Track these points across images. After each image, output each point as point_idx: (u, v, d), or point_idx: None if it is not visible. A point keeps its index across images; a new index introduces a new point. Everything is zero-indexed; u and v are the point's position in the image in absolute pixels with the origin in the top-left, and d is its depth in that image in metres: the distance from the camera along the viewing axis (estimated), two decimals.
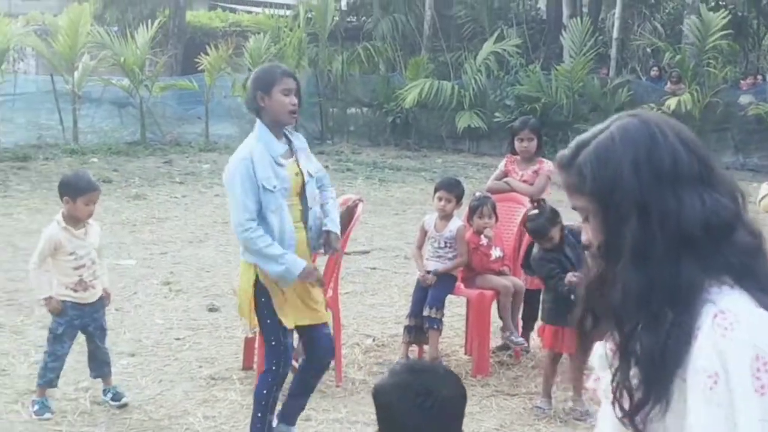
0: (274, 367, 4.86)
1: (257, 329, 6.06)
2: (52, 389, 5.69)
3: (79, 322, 5.64)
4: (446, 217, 6.59)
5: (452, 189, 6.58)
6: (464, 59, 22.64)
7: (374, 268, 9.88)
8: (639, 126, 1.90)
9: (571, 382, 5.95)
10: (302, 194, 4.87)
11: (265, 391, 4.88)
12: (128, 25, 24.24)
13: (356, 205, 6.50)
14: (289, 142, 4.91)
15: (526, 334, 6.95)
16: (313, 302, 4.97)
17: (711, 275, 1.79)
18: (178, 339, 7.21)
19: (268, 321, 4.84)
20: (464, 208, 6.99)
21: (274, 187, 4.67)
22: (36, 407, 5.53)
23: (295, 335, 5.32)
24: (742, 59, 22.06)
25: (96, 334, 5.73)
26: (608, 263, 1.88)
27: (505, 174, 7.27)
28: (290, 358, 5.01)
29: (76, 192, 5.49)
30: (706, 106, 19.60)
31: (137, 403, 5.78)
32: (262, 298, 4.81)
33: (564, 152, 1.97)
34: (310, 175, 4.92)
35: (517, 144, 7.17)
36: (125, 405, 5.70)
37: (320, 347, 5.07)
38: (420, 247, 6.79)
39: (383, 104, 23.04)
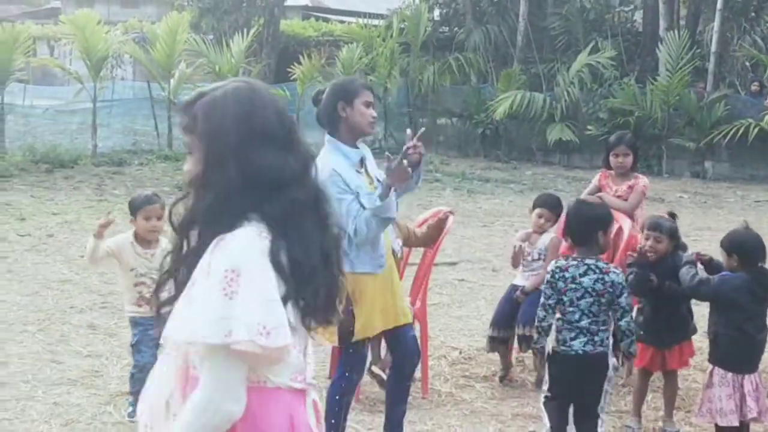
0: (347, 373, 4.89)
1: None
2: None
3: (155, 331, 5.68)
4: (540, 235, 6.53)
5: (555, 208, 6.52)
6: (557, 71, 22.41)
7: (462, 280, 9.83)
8: (247, 90, 2.52)
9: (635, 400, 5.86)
10: None
11: (337, 397, 4.90)
12: (224, 34, 24.58)
13: (447, 218, 6.47)
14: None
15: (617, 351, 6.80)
16: (399, 300, 5.01)
17: (255, 212, 2.42)
18: None
19: (350, 329, 4.82)
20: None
21: (358, 194, 4.70)
22: (131, 409, 5.62)
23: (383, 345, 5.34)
24: None
25: None
26: (196, 189, 2.50)
27: (599, 189, 7.15)
28: (364, 366, 5.05)
29: (134, 208, 5.57)
30: None
31: None
32: (349, 307, 4.77)
33: (186, 97, 2.57)
34: (379, 182, 4.90)
35: (612, 159, 7.04)
36: None
37: (407, 348, 5.09)
38: (516, 264, 6.71)
39: (473, 115, 22.97)
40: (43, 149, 18.46)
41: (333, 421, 4.89)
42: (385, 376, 6.08)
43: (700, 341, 6.22)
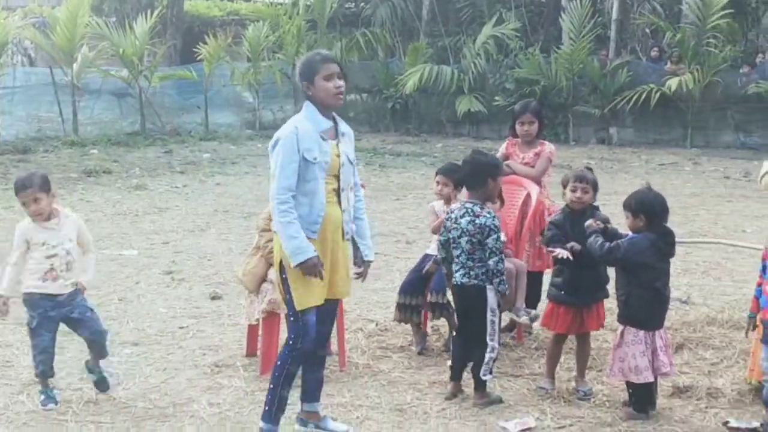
0: (291, 342, 4.91)
1: (260, 317, 6.10)
2: (54, 378, 5.70)
3: (56, 312, 5.56)
4: (449, 201, 6.58)
5: (450, 174, 6.57)
6: (463, 43, 22.62)
7: (376, 253, 9.81)
8: None
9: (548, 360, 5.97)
10: (338, 176, 4.96)
11: (279, 363, 4.93)
12: (126, 16, 24.18)
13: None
14: (336, 124, 5.02)
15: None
16: (338, 273, 5.03)
17: None
18: (181, 327, 7.21)
19: (288, 296, 4.89)
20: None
21: (315, 159, 4.79)
22: (42, 397, 5.55)
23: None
24: (742, 38, 21.96)
25: (84, 318, 5.62)
26: None
27: (506, 157, 7.23)
28: (310, 334, 4.93)
29: (16, 193, 5.58)
30: (706, 86, 19.56)
31: (141, 392, 5.78)
32: (283, 275, 4.87)
33: None
34: (349, 161, 5.03)
35: (518, 127, 7.14)
36: (105, 391, 5.69)
37: (323, 320, 5.07)
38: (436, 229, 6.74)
39: (383, 90, 23.04)
40: None
41: (272, 386, 4.92)
42: None
43: (609, 303, 6.35)
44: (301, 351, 4.94)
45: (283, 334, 6.19)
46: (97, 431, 5.17)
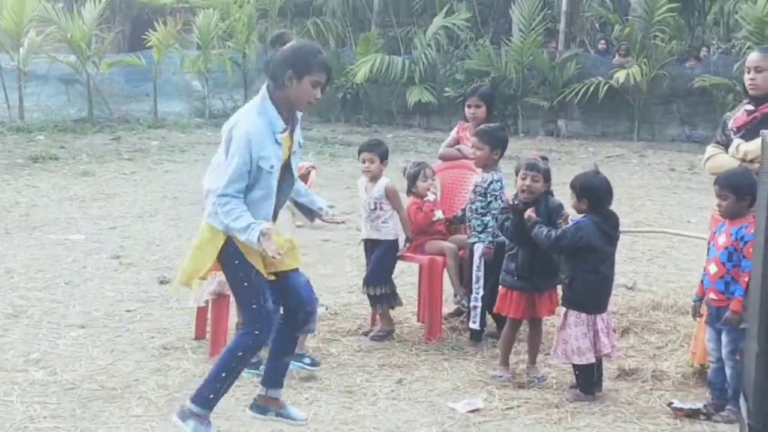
0: (257, 332, 4.60)
1: (209, 299, 6.08)
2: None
3: None
4: (374, 178, 6.60)
5: (372, 149, 6.61)
6: (414, 34, 22.66)
7: (326, 240, 9.89)
8: None
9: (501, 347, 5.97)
10: (287, 166, 4.71)
11: (240, 353, 4.63)
12: (75, 1, 23.87)
13: (309, 173, 6.51)
14: (291, 116, 4.72)
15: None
16: (289, 247, 4.76)
17: None
18: (129, 311, 7.15)
19: (245, 284, 4.60)
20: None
21: (271, 167, 4.51)
22: None
23: None
24: (688, 33, 22.30)
25: None
26: None
27: (457, 141, 7.30)
28: (273, 322, 4.70)
29: None
30: (653, 79, 19.81)
31: (89, 374, 5.73)
32: (235, 261, 4.57)
33: None
34: (300, 145, 4.81)
35: (466, 110, 7.20)
36: None
37: (302, 293, 4.82)
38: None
39: (333, 80, 22.88)
40: None
41: (224, 374, 4.64)
42: None
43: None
44: (263, 341, 4.69)
45: (232, 317, 6.19)
46: (43, 412, 5.11)
